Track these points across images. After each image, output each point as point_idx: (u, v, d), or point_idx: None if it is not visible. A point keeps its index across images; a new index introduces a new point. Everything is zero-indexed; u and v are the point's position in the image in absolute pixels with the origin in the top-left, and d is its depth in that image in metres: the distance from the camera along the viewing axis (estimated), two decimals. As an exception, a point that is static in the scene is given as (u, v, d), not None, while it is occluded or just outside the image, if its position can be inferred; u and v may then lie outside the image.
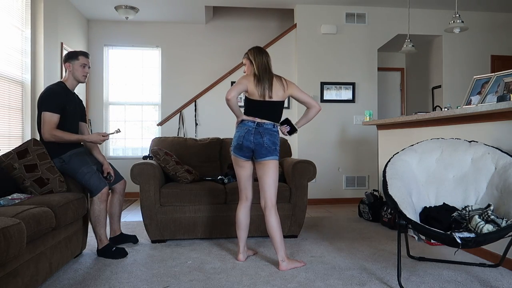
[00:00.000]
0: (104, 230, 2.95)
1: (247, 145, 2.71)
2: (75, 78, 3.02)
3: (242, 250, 2.86)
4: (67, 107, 2.93)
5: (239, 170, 2.83)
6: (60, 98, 2.91)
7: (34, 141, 2.81)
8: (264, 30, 6.46)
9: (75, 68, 3.00)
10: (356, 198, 5.37)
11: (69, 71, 3.01)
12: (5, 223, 1.75)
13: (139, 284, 2.38)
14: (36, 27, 4.46)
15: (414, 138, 3.63)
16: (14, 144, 3.96)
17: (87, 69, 3.05)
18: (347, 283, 2.39)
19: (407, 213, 2.17)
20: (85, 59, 3.04)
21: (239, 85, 2.73)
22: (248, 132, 2.72)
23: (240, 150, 2.74)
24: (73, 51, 3.07)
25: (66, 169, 2.89)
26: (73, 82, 3.05)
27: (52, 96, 2.89)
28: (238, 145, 2.74)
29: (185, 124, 5.60)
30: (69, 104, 2.96)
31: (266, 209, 2.74)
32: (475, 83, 3.49)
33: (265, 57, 2.79)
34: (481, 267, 2.67)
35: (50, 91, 2.92)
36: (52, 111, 2.85)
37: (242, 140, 2.72)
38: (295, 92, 2.81)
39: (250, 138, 2.70)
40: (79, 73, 3.01)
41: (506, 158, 2.38)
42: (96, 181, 2.87)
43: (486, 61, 5.90)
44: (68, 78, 3.03)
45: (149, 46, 6.36)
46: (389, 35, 5.79)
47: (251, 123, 2.73)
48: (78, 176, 2.87)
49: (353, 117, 5.74)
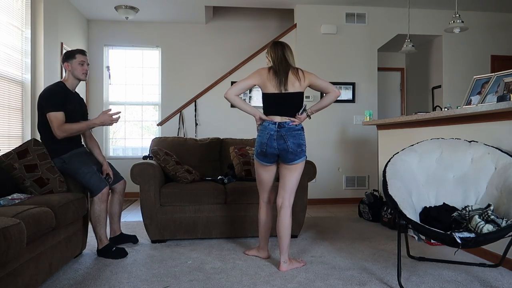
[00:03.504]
0: (104, 230, 2.95)
1: (272, 152, 2.62)
2: (75, 77, 3.02)
3: (264, 246, 2.88)
4: (67, 106, 2.93)
5: (264, 173, 2.77)
6: (60, 97, 2.91)
7: (35, 141, 2.81)
8: (264, 30, 6.46)
9: (74, 67, 3.00)
10: (356, 198, 5.37)
11: (68, 71, 3.01)
12: (5, 223, 1.75)
13: (139, 284, 2.38)
14: (36, 27, 4.46)
15: (414, 138, 3.63)
16: (14, 144, 3.96)
17: (86, 67, 3.04)
18: (347, 283, 2.39)
19: (407, 213, 2.17)
20: (83, 56, 3.03)
21: (244, 81, 2.69)
22: (271, 137, 2.60)
23: (265, 157, 2.67)
24: (70, 51, 3.06)
25: (67, 169, 2.89)
26: (74, 82, 3.05)
27: (51, 96, 2.90)
28: (262, 152, 2.66)
29: (185, 124, 5.60)
30: (69, 104, 2.96)
31: (282, 207, 2.69)
32: (475, 83, 3.49)
33: (281, 49, 2.73)
34: (481, 267, 2.67)
35: (49, 92, 2.93)
36: (55, 110, 2.84)
37: (265, 147, 2.61)
38: (313, 80, 2.70)
39: (273, 144, 2.60)
40: (78, 71, 3.01)
41: (506, 158, 2.38)
42: (96, 181, 2.87)
43: (486, 61, 5.89)
44: (68, 78, 3.03)
45: (149, 46, 6.35)
46: (389, 35, 5.79)
47: (271, 126, 2.61)
48: (78, 176, 2.87)
49: (353, 117, 5.74)
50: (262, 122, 2.68)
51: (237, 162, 3.81)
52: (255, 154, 2.73)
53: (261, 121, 2.69)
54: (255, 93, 5.67)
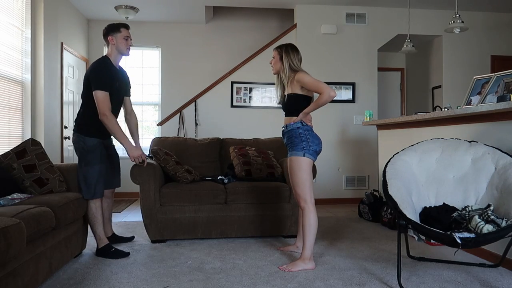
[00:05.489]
0: (102, 229, 2.94)
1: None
2: (119, 51, 2.97)
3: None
4: (114, 83, 2.91)
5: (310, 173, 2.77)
6: (108, 75, 2.88)
7: (32, 141, 2.81)
8: (264, 30, 6.46)
9: (119, 41, 2.94)
10: (356, 198, 5.37)
11: (111, 45, 2.95)
12: (5, 223, 1.75)
13: (139, 284, 2.38)
14: (36, 27, 4.46)
15: (414, 138, 3.63)
16: (14, 144, 3.96)
17: (130, 41, 3.00)
18: (347, 283, 2.39)
19: (407, 213, 2.17)
20: (127, 31, 2.99)
21: None
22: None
23: (318, 154, 2.78)
24: (114, 24, 2.99)
25: (80, 150, 2.87)
26: (117, 56, 3.00)
27: (100, 73, 2.86)
28: (319, 150, 2.77)
29: (185, 124, 5.60)
30: (115, 80, 2.93)
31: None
32: (475, 83, 3.49)
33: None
34: (481, 267, 2.67)
35: (97, 69, 2.88)
36: (102, 89, 2.82)
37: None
38: (301, 79, 2.73)
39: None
40: (123, 46, 2.96)
41: (506, 158, 2.38)
42: (96, 187, 2.87)
43: (486, 61, 5.89)
44: (111, 52, 2.97)
45: (149, 46, 6.35)
46: (389, 35, 5.79)
47: (308, 126, 2.77)
48: (83, 168, 2.86)
49: (353, 117, 5.74)
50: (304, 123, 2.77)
51: (237, 162, 3.81)
52: (311, 153, 2.70)
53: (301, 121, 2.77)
54: (255, 93, 5.67)
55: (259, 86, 5.67)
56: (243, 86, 5.66)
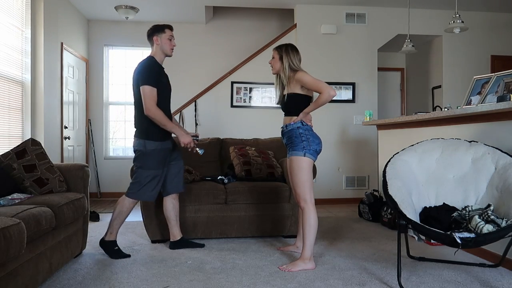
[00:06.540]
0: (118, 227, 2.97)
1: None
2: (163, 52, 2.98)
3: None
4: (161, 79, 2.91)
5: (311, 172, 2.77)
6: (155, 71, 2.89)
7: (32, 141, 2.81)
8: (264, 30, 6.46)
9: (163, 41, 2.95)
10: (356, 198, 5.37)
11: (156, 45, 2.96)
12: (5, 223, 1.75)
13: (139, 284, 2.38)
14: (36, 27, 4.46)
15: (414, 138, 3.63)
16: (14, 144, 3.96)
17: (174, 42, 3.02)
18: (347, 283, 2.39)
19: (407, 213, 2.17)
20: (171, 32, 3.00)
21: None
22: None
23: (318, 154, 2.78)
24: (159, 24, 3.00)
25: (140, 152, 2.88)
26: (161, 57, 3.01)
27: (148, 69, 2.87)
28: (320, 150, 2.77)
29: (185, 124, 5.60)
30: (162, 77, 2.94)
31: None
32: (475, 83, 3.49)
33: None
34: (481, 267, 2.67)
35: (145, 65, 2.89)
36: (151, 85, 2.81)
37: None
38: (301, 78, 2.73)
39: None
40: (167, 46, 2.97)
41: (506, 158, 2.38)
42: (146, 190, 2.90)
43: (486, 61, 5.89)
44: (156, 53, 2.98)
45: (149, 46, 6.31)
46: (389, 35, 5.79)
47: (308, 125, 2.77)
48: (139, 171, 2.88)
49: (353, 117, 5.74)
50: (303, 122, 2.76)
51: (237, 162, 3.81)
52: (311, 153, 2.69)
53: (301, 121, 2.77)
54: (255, 93, 5.67)
55: (259, 86, 5.67)
56: (243, 86, 5.66)
